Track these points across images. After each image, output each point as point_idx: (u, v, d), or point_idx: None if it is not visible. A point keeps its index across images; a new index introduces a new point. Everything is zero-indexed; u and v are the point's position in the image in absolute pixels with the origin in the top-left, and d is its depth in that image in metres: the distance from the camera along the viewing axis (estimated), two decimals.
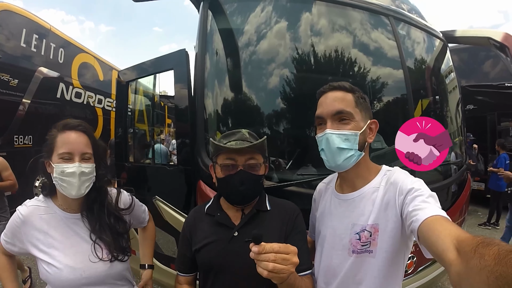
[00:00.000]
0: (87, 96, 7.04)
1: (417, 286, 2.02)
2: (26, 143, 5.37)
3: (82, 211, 1.13)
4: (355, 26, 2.06)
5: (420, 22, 2.45)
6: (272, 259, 0.73)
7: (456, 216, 2.34)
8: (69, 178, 1.02)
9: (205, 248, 1.08)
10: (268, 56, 1.89)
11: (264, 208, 1.12)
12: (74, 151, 1.04)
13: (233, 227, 1.07)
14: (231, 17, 1.92)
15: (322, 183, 1.22)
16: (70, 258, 1.05)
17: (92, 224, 1.12)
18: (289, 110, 1.93)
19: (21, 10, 5.26)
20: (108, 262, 1.09)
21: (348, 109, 0.95)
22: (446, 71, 2.77)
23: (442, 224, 0.70)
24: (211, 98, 1.80)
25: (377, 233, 0.92)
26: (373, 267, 0.93)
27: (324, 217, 1.10)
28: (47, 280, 1.06)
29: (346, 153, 0.94)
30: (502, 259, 0.46)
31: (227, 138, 1.10)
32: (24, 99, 5.28)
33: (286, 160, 1.90)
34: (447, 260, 0.61)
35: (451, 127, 2.72)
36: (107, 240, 1.11)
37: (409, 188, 0.87)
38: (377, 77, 2.05)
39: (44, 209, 1.10)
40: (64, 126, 1.07)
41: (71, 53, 6.59)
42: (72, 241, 1.08)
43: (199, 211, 1.18)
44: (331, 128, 0.95)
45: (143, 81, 2.68)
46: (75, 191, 1.04)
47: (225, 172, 1.06)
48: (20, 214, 1.08)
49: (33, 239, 1.06)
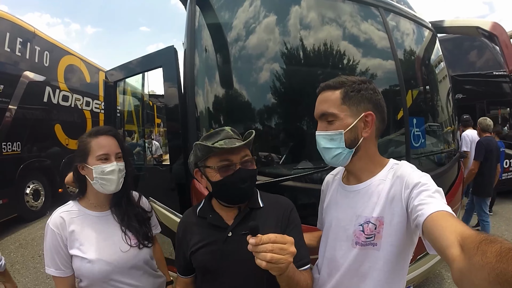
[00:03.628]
0: (74, 99, 6.95)
1: (416, 274, 2.04)
2: (14, 150, 5.27)
3: (111, 207, 1.26)
4: (345, 18, 2.04)
5: (409, 12, 2.46)
6: (270, 249, 0.73)
7: (451, 204, 2.35)
8: (109, 176, 1.16)
9: (200, 251, 1.05)
10: (258, 50, 1.86)
11: (257, 206, 1.10)
12: (110, 152, 1.18)
13: (226, 228, 1.04)
14: (219, 12, 1.88)
15: (330, 175, 1.22)
16: (102, 251, 1.15)
17: (120, 216, 1.25)
18: (281, 105, 1.91)
19: (3, 14, 5.13)
20: (136, 248, 1.23)
21: (331, 110, 0.96)
22: (436, 60, 2.80)
23: (447, 220, 0.70)
24: (201, 95, 1.76)
25: (382, 226, 0.92)
26: (377, 260, 0.93)
27: (330, 208, 1.10)
28: (82, 275, 1.16)
29: (333, 152, 0.97)
30: (503, 257, 0.47)
31: (212, 139, 1.05)
32: (10, 105, 5.18)
33: (280, 156, 1.88)
34: (450, 256, 0.61)
35: (443, 116, 2.75)
36: (135, 227, 1.25)
37: (416, 183, 0.86)
38: (369, 68, 2.05)
39: (75, 212, 1.21)
40: (97, 132, 1.20)
41: (57, 56, 6.48)
42: (103, 236, 1.19)
43: (191, 214, 1.16)
44: (319, 130, 1.01)
45: (131, 81, 2.63)
46: (115, 186, 1.18)
47: (223, 174, 1.01)
48: (52, 227, 1.15)
49: (69, 240, 1.15)
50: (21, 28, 5.47)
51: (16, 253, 4.37)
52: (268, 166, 1.80)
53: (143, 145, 3.03)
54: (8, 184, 4.96)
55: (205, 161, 1.04)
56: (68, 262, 1.15)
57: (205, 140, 1.07)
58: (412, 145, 2.11)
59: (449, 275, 3.20)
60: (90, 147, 1.17)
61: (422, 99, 2.59)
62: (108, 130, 1.23)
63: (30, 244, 4.73)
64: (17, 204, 5.33)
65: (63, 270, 1.15)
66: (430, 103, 2.66)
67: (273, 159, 1.86)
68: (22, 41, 5.41)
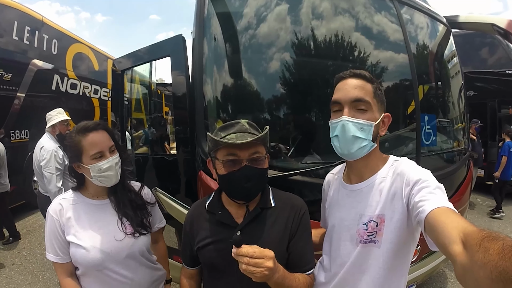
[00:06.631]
0: (82, 87, 6.96)
1: (420, 273, 2.02)
2: (22, 137, 5.33)
3: (110, 195, 1.25)
4: (358, 10, 1.98)
5: (424, 6, 2.39)
6: (246, 262, 0.82)
7: (458, 204, 2.32)
8: (107, 172, 1.16)
9: (207, 248, 1.04)
10: (268, 40, 1.82)
11: (268, 205, 1.07)
12: (103, 149, 1.16)
13: (235, 226, 1.02)
14: (229, 0, 1.85)
15: (330, 174, 1.21)
16: (97, 239, 1.15)
17: (117, 204, 1.24)
18: (292, 96, 1.87)
19: (11, 3, 5.13)
20: (132, 237, 1.21)
21: (367, 98, 0.94)
22: (450, 56, 2.72)
23: (448, 216, 0.69)
24: (210, 84, 1.74)
25: (383, 224, 0.92)
26: (378, 258, 0.93)
27: (332, 207, 1.10)
28: (76, 262, 1.16)
29: (360, 142, 0.93)
30: (506, 254, 0.47)
31: (225, 131, 1.01)
32: (19, 93, 5.21)
33: (289, 149, 1.85)
34: (452, 252, 0.60)
35: (454, 112, 2.69)
36: (130, 215, 1.24)
37: (416, 179, 0.85)
38: (381, 61, 1.99)
39: (73, 199, 1.21)
40: (86, 129, 1.15)
41: (65, 44, 6.48)
42: (99, 224, 1.19)
43: (200, 208, 1.13)
44: (348, 116, 0.93)
45: (139, 69, 2.62)
46: (114, 179, 1.19)
47: (228, 169, 0.97)
48: (51, 213, 1.17)
49: (66, 227, 1.16)
50: (29, 17, 5.46)
51: (24, 240, 4.45)
52: (277, 159, 1.78)
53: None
54: (16, 171, 5.02)
55: (215, 152, 1.01)
56: (65, 248, 1.16)
57: (219, 131, 1.03)
58: (423, 143, 2.07)
59: (452, 274, 3.18)
60: (82, 146, 1.14)
61: (434, 95, 2.53)
62: (97, 125, 1.19)
63: (37, 230, 4.81)
64: (25, 191, 5.40)
65: (61, 256, 1.16)
66: (442, 99, 2.61)
67: (282, 152, 1.83)
68: (30, 29, 5.40)
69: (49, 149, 3.08)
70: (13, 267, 3.64)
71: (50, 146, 3.12)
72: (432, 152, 2.25)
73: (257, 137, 0.96)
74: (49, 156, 3.05)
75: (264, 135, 0.99)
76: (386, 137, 1.86)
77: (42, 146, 3.15)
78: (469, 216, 5.17)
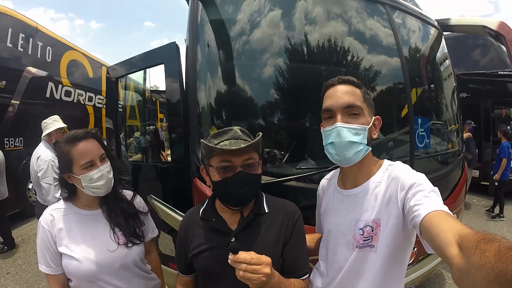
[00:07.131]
0: (77, 94, 6.94)
1: (418, 275, 2.02)
2: (17, 145, 5.29)
3: (102, 205, 1.22)
4: (350, 15, 2.01)
5: (415, 10, 2.42)
6: (243, 269, 0.82)
7: (453, 206, 2.33)
8: (98, 182, 1.13)
9: (202, 255, 1.04)
10: (261, 46, 1.83)
11: (262, 211, 1.07)
12: (94, 158, 1.13)
13: (229, 233, 1.02)
14: (222, 7, 1.86)
15: (325, 179, 1.21)
16: (89, 250, 1.13)
17: (109, 214, 1.22)
18: (285, 101, 1.88)
19: (5, 10, 5.12)
20: (125, 247, 1.19)
21: (358, 103, 0.95)
22: (442, 59, 2.76)
23: (444, 219, 0.70)
24: (203, 91, 1.74)
25: (378, 228, 0.92)
26: (374, 262, 0.93)
27: (328, 213, 1.10)
28: (69, 274, 1.13)
29: (356, 147, 0.94)
30: (502, 256, 0.47)
31: (219, 138, 1.02)
32: (13, 100, 5.18)
33: (283, 154, 1.86)
34: (449, 255, 0.60)
35: (447, 114, 2.72)
36: (123, 224, 1.21)
37: (411, 183, 0.86)
38: (374, 65, 2.01)
39: (64, 210, 1.19)
40: (75, 138, 1.13)
41: (59, 51, 6.46)
42: (92, 235, 1.16)
43: (194, 215, 1.13)
44: (342, 122, 0.94)
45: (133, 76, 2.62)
46: (105, 189, 1.17)
47: (223, 175, 0.98)
48: (43, 224, 1.15)
49: (58, 238, 1.14)
50: (23, 24, 5.46)
51: (19, 248, 4.39)
52: (271, 165, 1.78)
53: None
54: (11, 179, 4.97)
55: (209, 159, 1.02)
56: (58, 259, 1.14)
57: (212, 138, 1.04)
58: (417, 145, 2.08)
59: (450, 276, 3.16)
60: (72, 156, 1.11)
61: (427, 98, 2.56)
62: (86, 133, 1.16)
63: (32, 239, 4.74)
64: (20, 199, 5.34)
65: (53, 268, 1.14)
66: (435, 102, 2.63)
67: (276, 157, 1.83)
68: (24, 36, 5.39)
69: (46, 159, 3.03)
70: (8, 276, 3.60)
71: (47, 155, 3.06)
72: (426, 155, 2.26)
73: (250, 143, 0.97)
74: (46, 166, 3.01)
75: (257, 141, 0.99)
76: (380, 140, 1.87)
77: (39, 156, 3.09)
78: (465, 217, 5.19)
